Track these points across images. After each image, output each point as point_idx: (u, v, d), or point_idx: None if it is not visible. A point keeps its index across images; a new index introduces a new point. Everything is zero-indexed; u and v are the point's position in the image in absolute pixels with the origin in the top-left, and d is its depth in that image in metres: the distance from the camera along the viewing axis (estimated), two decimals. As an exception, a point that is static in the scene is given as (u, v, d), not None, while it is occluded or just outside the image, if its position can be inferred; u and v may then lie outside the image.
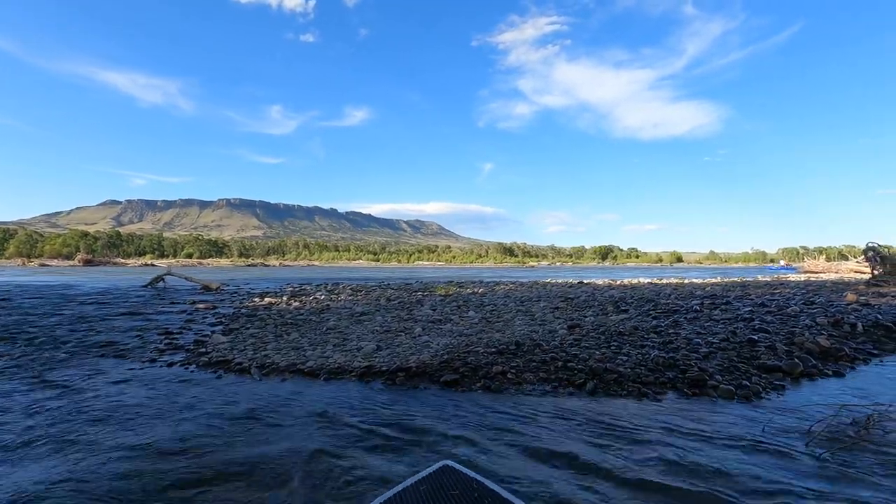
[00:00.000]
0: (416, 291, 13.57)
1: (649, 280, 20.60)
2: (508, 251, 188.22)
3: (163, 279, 17.96)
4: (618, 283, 18.12)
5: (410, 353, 5.09)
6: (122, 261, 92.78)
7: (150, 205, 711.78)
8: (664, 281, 19.05)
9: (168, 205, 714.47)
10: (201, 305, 10.70)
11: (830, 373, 4.42)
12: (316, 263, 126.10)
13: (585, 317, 7.41)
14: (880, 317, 6.40)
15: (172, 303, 11.61)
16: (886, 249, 15.62)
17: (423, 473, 1.48)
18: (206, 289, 16.05)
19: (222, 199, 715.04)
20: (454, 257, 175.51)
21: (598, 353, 4.81)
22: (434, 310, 8.77)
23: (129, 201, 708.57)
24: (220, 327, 7.55)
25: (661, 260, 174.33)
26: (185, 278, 18.48)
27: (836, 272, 29.13)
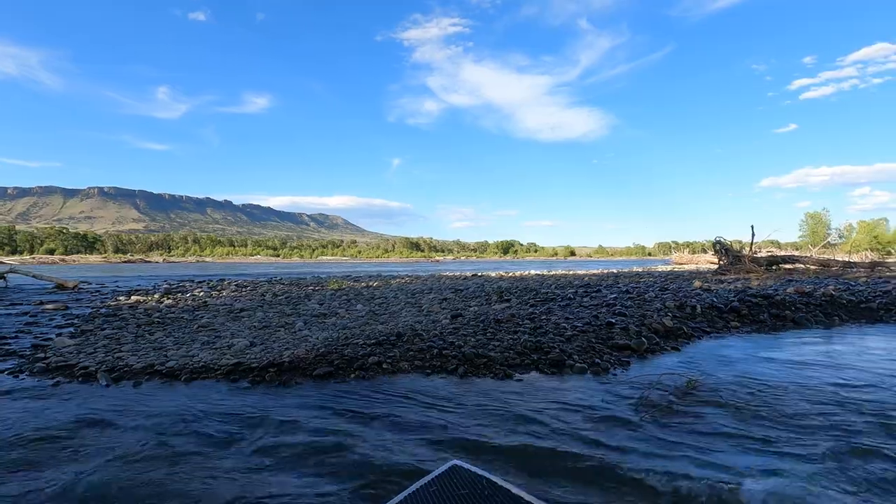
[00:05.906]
0: (307, 286, 13.05)
1: (537, 272, 21.94)
2: (415, 246, 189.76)
3: (4, 277, 15.36)
4: (508, 275, 19.06)
5: (286, 348, 4.86)
6: (-42, 258, 77.93)
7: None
8: (551, 272, 20.40)
9: (22, 192, 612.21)
10: (50, 306, 9.31)
11: (670, 349, 5.05)
12: (207, 259, 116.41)
13: (470, 307, 7.66)
14: (716, 300, 7.42)
15: (13, 304, 9.96)
16: (731, 243, 18.53)
17: (433, 475, 1.48)
18: (61, 287, 14.01)
19: (93, 188, 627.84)
20: (360, 252, 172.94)
21: (473, 339, 4.99)
22: (321, 304, 8.50)
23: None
24: (70, 329, 6.63)
25: (556, 254, 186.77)
26: (34, 276, 15.99)
27: (697, 263, 33.42)
